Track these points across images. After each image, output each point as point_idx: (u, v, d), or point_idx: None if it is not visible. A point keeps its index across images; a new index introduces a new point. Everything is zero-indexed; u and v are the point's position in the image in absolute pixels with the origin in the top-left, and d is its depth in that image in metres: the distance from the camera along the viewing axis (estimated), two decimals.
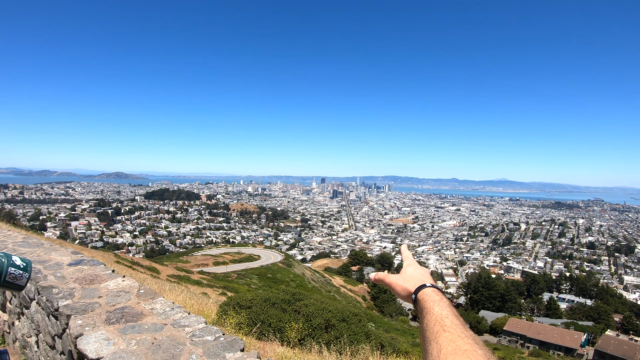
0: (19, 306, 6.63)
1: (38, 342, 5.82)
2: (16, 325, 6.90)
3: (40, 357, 5.78)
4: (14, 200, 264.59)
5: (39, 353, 5.85)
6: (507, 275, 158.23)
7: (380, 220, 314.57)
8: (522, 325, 73.36)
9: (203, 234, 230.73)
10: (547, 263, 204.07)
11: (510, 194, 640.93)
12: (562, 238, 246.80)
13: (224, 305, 11.47)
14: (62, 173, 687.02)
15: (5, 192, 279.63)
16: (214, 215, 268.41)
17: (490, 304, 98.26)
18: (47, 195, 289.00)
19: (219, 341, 4.12)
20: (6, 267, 2.81)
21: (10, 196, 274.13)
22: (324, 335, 10.47)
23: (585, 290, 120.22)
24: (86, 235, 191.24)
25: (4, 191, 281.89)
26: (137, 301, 5.03)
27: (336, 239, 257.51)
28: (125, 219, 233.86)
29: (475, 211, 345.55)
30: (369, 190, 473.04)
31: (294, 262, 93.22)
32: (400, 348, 14.07)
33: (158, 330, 4.24)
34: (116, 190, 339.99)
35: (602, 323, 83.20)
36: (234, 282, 56.52)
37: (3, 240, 9.01)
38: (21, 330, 6.61)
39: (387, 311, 77.41)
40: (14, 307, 7.01)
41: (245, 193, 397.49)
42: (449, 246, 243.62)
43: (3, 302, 7.60)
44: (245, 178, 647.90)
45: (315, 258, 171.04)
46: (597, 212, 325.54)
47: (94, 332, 4.12)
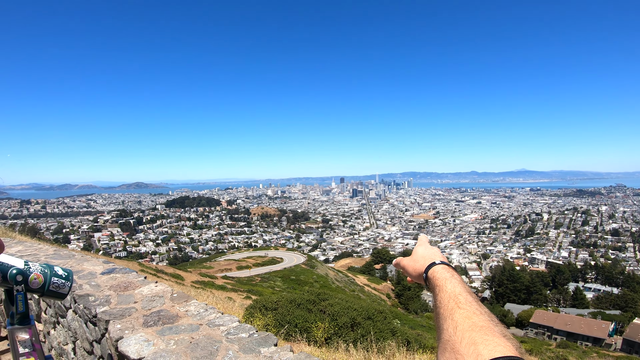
0: (54, 315, 6.85)
1: (75, 348, 6.06)
2: (52, 334, 7.14)
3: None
4: (37, 214, 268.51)
5: (75, 359, 6.10)
6: (532, 267, 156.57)
7: (401, 217, 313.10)
8: (549, 317, 72.62)
9: (225, 239, 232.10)
10: (571, 252, 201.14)
11: (530, 184, 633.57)
12: (586, 226, 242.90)
13: (250, 308, 11.68)
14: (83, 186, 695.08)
15: (28, 208, 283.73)
16: (235, 220, 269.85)
17: (516, 296, 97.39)
18: (69, 209, 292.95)
19: (253, 337, 4.32)
20: (50, 276, 3.07)
21: (33, 211, 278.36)
22: (350, 333, 10.61)
23: (611, 279, 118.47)
24: (109, 246, 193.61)
25: (27, 206, 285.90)
26: (172, 304, 5.25)
27: (358, 238, 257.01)
28: (147, 228, 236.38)
29: (496, 203, 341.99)
30: (389, 188, 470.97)
31: (317, 263, 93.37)
32: (426, 344, 14.15)
33: (194, 330, 4.45)
34: (137, 200, 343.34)
35: (629, 311, 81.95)
36: (258, 285, 56.83)
37: (35, 254, 9.28)
38: (57, 339, 6.83)
39: (412, 308, 77.11)
40: (49, 317, 7.23)
41: (265, 196, 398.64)
42: (472, 240, 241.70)
43: (38, 313, 7.85)
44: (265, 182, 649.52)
45: (337, 258, 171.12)
46: (619, 198, 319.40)
47: (134, 335, 4.34)
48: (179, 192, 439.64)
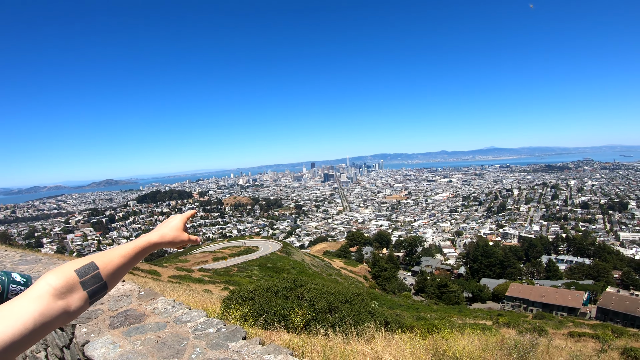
0: None
1: (47, 356, 5.88)
2: None
3: None
4: (6, 220, 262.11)
5: None
6: (505, 242, 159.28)
7: (374, 199, 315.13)
8: (524, 290, 74.24)
9: (199, 232, 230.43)
10: (542, 226, 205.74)
11: (500, 161, 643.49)
12: (556, 200, 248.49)
13: (227, 299, 11.55)
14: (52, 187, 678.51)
15: None
16: (208, 211, 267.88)
17: (491, 271, 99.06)
18: (40, 212, 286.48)
19: (221, 332, 4.23)
20: (7, 284, 2.88)
21: (3, 217, 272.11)
22: (329, 318, 10.58)
23: (582, 250, 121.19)
24: (83, 247, 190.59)
25: None
26: (139, 303, 5.12)
27: (332, 222, 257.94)
28: (120, 225, 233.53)
29: (467, 181, 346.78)
30: (360, 171, 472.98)
31: (293, 250, 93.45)
32: (405, 323, 14.26)
33: (161, 328, 4.34)
34: (108, 198, 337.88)
35: (602, 281, 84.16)
36: (235, 275, 56.70)
37: (1, 261, 9.06)
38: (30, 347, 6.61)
39: (389, 288, 77.93)
40: None
41: (237, 186, 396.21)
42: (444, 218, 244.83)
43: None
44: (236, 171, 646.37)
45: (313, 243, 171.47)
46: (587, 172, 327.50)
47: (100, 338, 4.21)
48: (149, 186, 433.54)
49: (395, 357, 6.33)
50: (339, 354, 6.52)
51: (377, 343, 7.29)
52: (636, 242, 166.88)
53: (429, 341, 8.74)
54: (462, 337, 10.23)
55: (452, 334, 10.62)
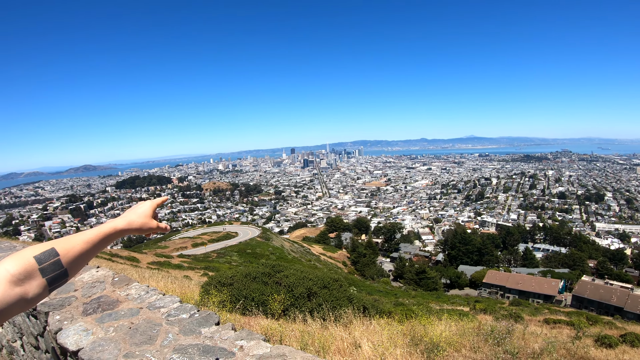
0: None
1: (23, 345, 5.81)
2: (0, 333, 6.86)
3: (27, 359, 5.77)
4: None
5: (25, 356, 5.85)
6: (483, 230, 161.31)
7: (354, 186, 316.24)
8: (501, 277, 75.44)
9: (178, 217, 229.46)
10: (520, 215, 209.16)
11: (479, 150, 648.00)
12: (533, 190, 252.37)
13: (205, 285, 11.51)
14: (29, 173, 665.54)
15: None
16: (187, 197, 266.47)
17: (468, 258, 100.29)
18: (17, 199, 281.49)
19: (194, 318, 4.21)
20: None
21: None
22: (307, 303, 10.61)
23: (559, 239, 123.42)
24: (61, 234, 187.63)
25: None
26: (113, 289, 5.06)
27: (311, 208, 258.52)
28: (98, 211, 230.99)
29: (446, 169, 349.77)
30: (340, 157, 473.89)
31: (272, 235, 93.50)
32: (383, 309, 14.37)
33: (134, 314, 4.30)
34: (86, 184, 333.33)
35: (577, 269, 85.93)
36: (215, 261, 56.55)
37: None
38: (6, 336, 6.58)
39: (368, 274, 78.54)
40: None
41: (217, 171, 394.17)
42: (423, 205, 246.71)
43: None
44: (215, 156, 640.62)
45: (292, 229, 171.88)
46: (565, 163, 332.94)
47: (73, 325, 4.15)
48: (128, 172, 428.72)
49: (373, 342, 6.38)
50: (317, 339, 6.55)
51: (355, 328, 7.35)
52: (611, 233, 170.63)
53: (406, 327, 8.83)
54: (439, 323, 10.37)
55: (430, 319, 10.74)
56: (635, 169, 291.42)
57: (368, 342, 6.29)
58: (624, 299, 59.30)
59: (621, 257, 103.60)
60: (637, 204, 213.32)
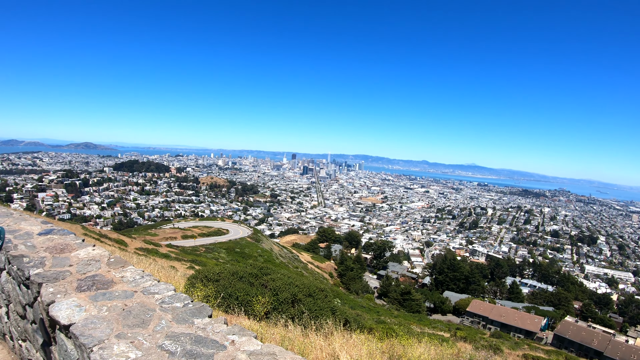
0: None
1: (8, 312, 5.88)
2: None
3: (11, 327, 5.85)
4: None
5: (9, 324, 5.92)
6: (472, 258, 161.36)
7: (350, 199, 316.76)
8: (485, 307, 75.30)
9: (172, 207, 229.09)
10: (511, 248, 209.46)
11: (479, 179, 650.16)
12: (528, 225, 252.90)
13: (191, 278, 11.59)
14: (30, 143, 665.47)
15: None
16: (183, 188, 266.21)
17: (455, 285, 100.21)
18: (14, 166, 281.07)
19: (188, 307, 4.31)
20: None
21: None
22: (290, 309, 10.72)
23: (547, 277, 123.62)
24: (53, 207, 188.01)
25: None
26: (108, 269, 5.15)
27: (305, 215, 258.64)
28: (93, 190, 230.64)
29: (444, 194, 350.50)
30: (340, 168, 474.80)
31: (263, 237, 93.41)
32: (364, 324, 14.45)
33: (128, 297, 4.39)
34: (84, 161, 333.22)
35: (562, 309, 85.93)
36: (202, 256, 56.51)
37: None
38: None
39: (353, 288, 78.45)
40: None
41: (216, 166, 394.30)
42: (417, 227, 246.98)
43: None
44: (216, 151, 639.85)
45: (283, 234, 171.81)
46: (562, 202, 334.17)
47: (66, 300, 4.24)
48: (128, 155, 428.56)
49: (351, 356, 6.47)
50: (296, 345, 6.65)
51: (335, 340, 7.43)
52: (600, 277, 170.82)
53: (386, 344, 8.92)
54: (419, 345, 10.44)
55: (410, 340, 10.82)
56: (632, 215, 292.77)
57: (347, 355, 6.39)
58: (605, 343, 59.22)
59: (607, 302, 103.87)
60: (629, 251, 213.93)
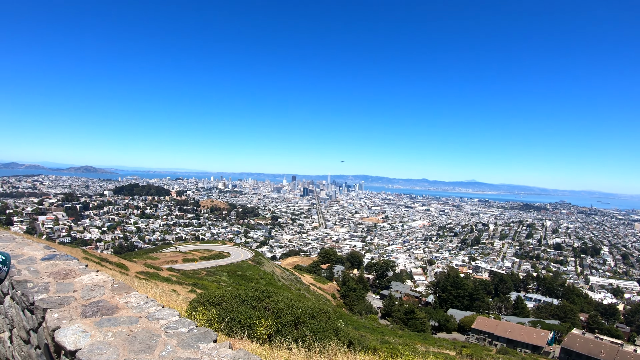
0: None
1: (12, 337, 5.89)
2: None
3: (14, 352, 5.84)
4: None
5: (12, 348, 5.91)
6: (476, 275, 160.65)
7: (351, 219, 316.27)
8: (490, 324, 74.71)
9: (172, 230, 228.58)
10: (514, 263, 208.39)
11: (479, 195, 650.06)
12: (530, 239, 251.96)
13: (193, 302, 11.55)
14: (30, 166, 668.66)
15: None
16: (183, 211, 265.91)
17: (459, 302, 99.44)
18: (14, 189, 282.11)
19: (193, 333, 4.32)
20: None
21: None
22: (294, 332, 10.66)
23: (552, 290, 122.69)
24: (53, 230, 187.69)
25: None
26: (112, 295, 5.18)
27: (306, 237, 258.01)
28: (93, 214, 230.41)
29: (444, 211, 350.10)
30: (340, 189, 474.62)
31: (264, 260, 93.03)
32: (369, 345, 14.34)
33: (133, 322, 4.41)
34: (85, 185, 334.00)
35: (568, 322, 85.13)
36: (204, 279, 56.22)
37: None
38: None
39: (356, 309, 77.92)
40: None
41: (216, 189, 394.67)
42: (418, 245, 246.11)
43: None
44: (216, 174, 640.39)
45: (285, 256, 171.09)
46: (564, 215, 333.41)
47: (71, 325, 4.26)
48: (128, 179, 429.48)
49: None
50: None
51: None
52: (605, 287, 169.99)
53: None
54: None
55: None
56: (634, 224, 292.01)
57: None
58: (613, 354, 58.72)
59: (613, 312, 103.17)
60: (632, 259, 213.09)
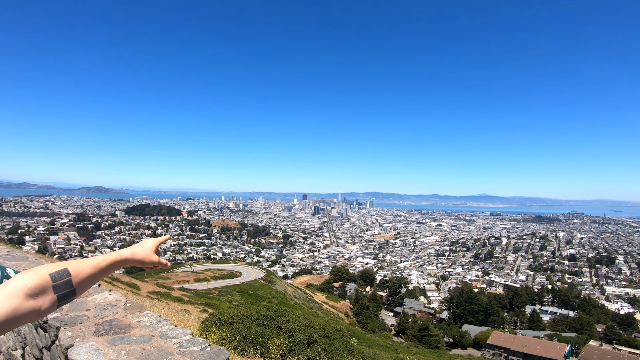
0: None
1: (24, 354, 5.91)
2: (0, 339, 6.94)
3: None
4: None
5: None
6: (490, 289, 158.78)
7: (362, 237, 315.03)
8: (506, 339, 73.75)
9: (184, 250, 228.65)
10: (528, 276, 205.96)
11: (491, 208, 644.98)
12: (543, 251, 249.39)
13: (205, 322, 11.54)
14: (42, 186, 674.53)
15: None
16: (195, 231, 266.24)
17: (473, 318, 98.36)
18: (26, 209, 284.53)
19: (205, 351, 4.30)
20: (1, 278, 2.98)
21: None
22: (306, 350, 10.59)
23: (567, 302, 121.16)
24: (65, 250, 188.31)
25: None
26: (125, 314, 5.19)
27: (318, 255, 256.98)
28: (105, 234, 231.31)
29: (456, 226, 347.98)
30: (351, 207, 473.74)
31: (276, 279, 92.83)
32: None
33: (146, 341, 4.41)
34: (96, 205, 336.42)
35: (585, 334, 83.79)
36: (216, 299, 56.11)
37: None
38: (6, 344, 6.64)
39: (369, 327, 77.28)
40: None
41: (227, 209, 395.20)
42: (431, 261, 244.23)
43: None
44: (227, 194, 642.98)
45: (297, 274, 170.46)
46: (577, 225, 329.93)
47: (84, 343, 4.27)
48: (139, 199, 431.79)
49: None
50: None
51: None
52: (621, 297, 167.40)
53: None
54: None
55: None
56: None
57: None
58: None
59: (631, 322, 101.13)
60: None
